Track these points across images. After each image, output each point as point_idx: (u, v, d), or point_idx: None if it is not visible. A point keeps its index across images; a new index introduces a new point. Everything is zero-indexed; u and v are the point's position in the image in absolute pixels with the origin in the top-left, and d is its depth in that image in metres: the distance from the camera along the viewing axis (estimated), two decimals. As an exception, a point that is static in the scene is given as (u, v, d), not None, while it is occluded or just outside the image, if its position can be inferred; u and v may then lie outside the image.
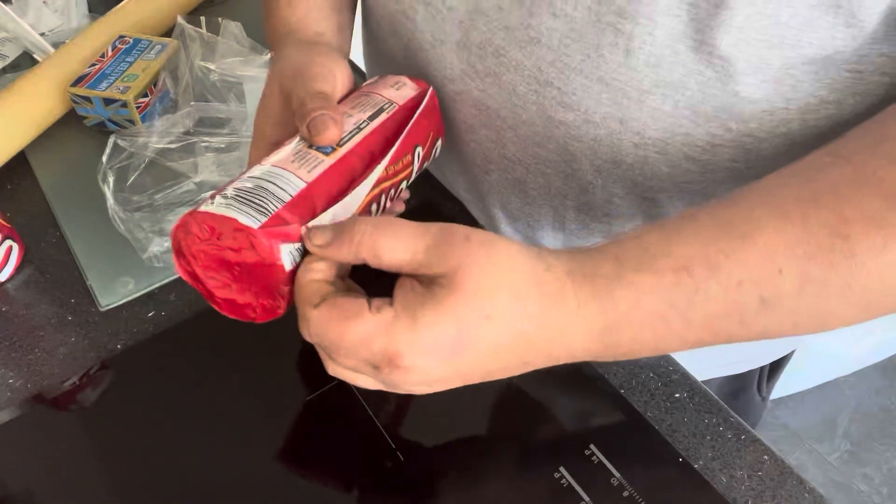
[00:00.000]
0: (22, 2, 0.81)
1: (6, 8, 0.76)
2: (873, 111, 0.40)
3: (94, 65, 0.68)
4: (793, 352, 0.71)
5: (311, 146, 0.40)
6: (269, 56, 0.69)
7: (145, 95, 0.67)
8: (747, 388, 0.71)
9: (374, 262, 0.35)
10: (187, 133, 0.64)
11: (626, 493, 0.43)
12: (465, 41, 0.47)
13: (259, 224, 0.35)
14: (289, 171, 0.38)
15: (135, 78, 0.67)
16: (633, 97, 0.42)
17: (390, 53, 0.54)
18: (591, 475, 0.43)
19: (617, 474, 0.43)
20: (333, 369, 0.37)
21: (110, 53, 0.70)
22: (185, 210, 0.57)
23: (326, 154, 0.40)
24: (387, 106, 0.45)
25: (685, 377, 0.49)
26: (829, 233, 0.33)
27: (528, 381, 0.49)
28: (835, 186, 0.34)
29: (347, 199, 0.38)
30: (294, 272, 0.36)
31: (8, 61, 0.78)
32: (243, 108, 0.66)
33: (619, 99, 0.43)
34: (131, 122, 0.67)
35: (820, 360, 1.48)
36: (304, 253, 0.36)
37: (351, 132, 0.42)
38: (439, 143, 0.49)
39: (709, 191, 0.47)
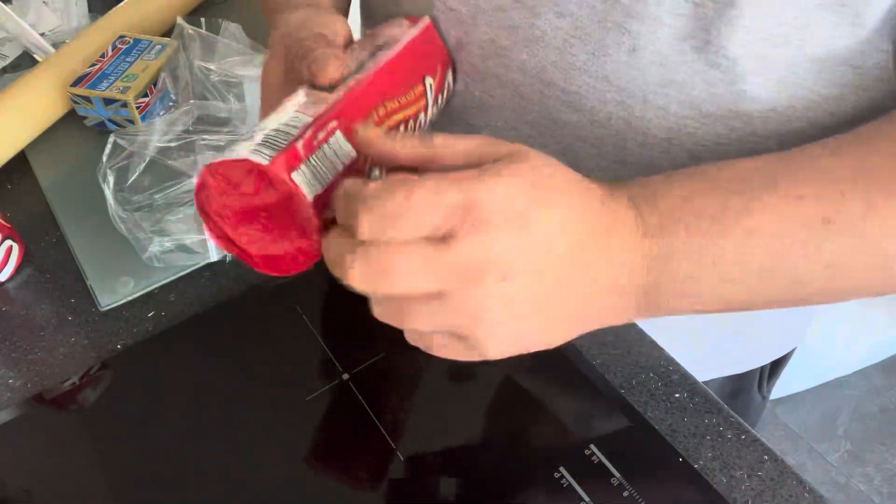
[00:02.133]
0: (22, 2, 0.81)
1: (6, 8, 0.76)
2: (874, 106, 0.40)
3: (94, 65, 0.68)
4: (793, 351, 0.71)
5: (315, 87, 0.39)
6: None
7: (145, 95, 0.67)
8: (747, 388, 0.71)
9: (442, 148, 0.33)
10: (187, 131, 0.64)
11: (626, 493, 0.43)
12: (467, 41, 0.47)
13: (269, 159, 0.34)
14: (297, 112, 0.37)
15: (135, 78, 0.67)
16: (638, 97, 0.42)
17: None
18: (591, 475, 0.43)
19: (617, 474, 0.43)
20: (386, 294, 0.31)
21: (110, 53, 0.70)
22: (186, 209, 0.58)
23: (331, 92, 0.39)
24: (385, 43, 0.44)
25: (685, 377, 0.49)
26: (891, 166, 0.33)
27: (529, 381, 0.49)
28: (890, 135, 0.34)
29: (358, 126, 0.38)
30: (318, 201, 0.34)
31: (8, 61, 0.78)
32: (243, 107, 0.66)
33: (624, 98, 0.43)
34: (131, 122, 0.67)
35: (820, 360, 1.48)
36: (325, 179, 0.35)
37: (353, 71, 0.41)
38: (450, 74, 0.48)
39: None
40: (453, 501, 0.44)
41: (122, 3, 0.77)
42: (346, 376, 0.49)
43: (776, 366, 0.72)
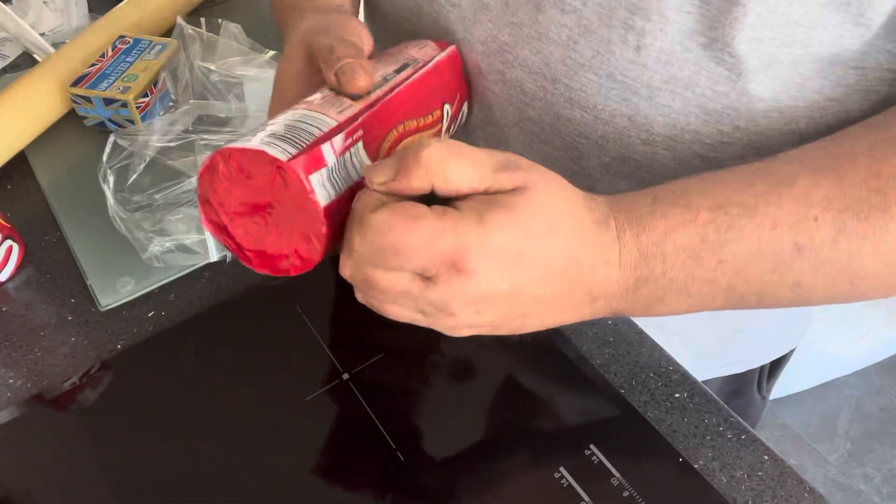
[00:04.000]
0: (22, 2, 0.81)
1: (6, 8, 0.76)
2: (877, 108, 0.40)
3: (94, 65, 0.68)
4: (793, 351, 0.71)
5: (338, 94, 0.39)
6: (269, 55, 0.69)
7: (145, 95, 0.67)
8: (747, 387, 0.71)
9: (442, 188, 0.34)
10: (187, 131, 0.64)
11: (626, 493, 0.43)
12: (469, 38, 0.47)
13: (289, 156, 0.33)
14: (318, 112, 0.37)
15: (135, 78, 0.67)
16: (643, 94, 0.42)
17: None
18: (591, 475, 0.43)
19: (617, 474, 0.43)
20: (368, 294, 0.35)
21: (110, 53, 0.70)
22: (186, 209, 0.58)
23: (354, 100, 0.39)
24: (411, 62, 0.44)
25: (685, 377, 0.49)
26: (865, 187, 0.34)
27: (529, 381, 0.49)
28: (870, 148, 0.35)
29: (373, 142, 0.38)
30: (329, 209, 0.34)
31: (8, 61, 0.78)
32: (243, 107, 0.66)
33: (629, 96, 0.42)
34: (131, 122, 0.67)
35: (820, 360, 1.48)
36: (338, 188, 0.35)
37: (377, 84, 0.41)
38: (465, 106, 0.49)
39: None
40: (453, 501, 0.44)
41: (122, 3, 0.77)
42: (346, 376, 0.49)
43: (776, 366, 0.72)
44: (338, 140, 0.35)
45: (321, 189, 0.34)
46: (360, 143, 0.37)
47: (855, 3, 0.36)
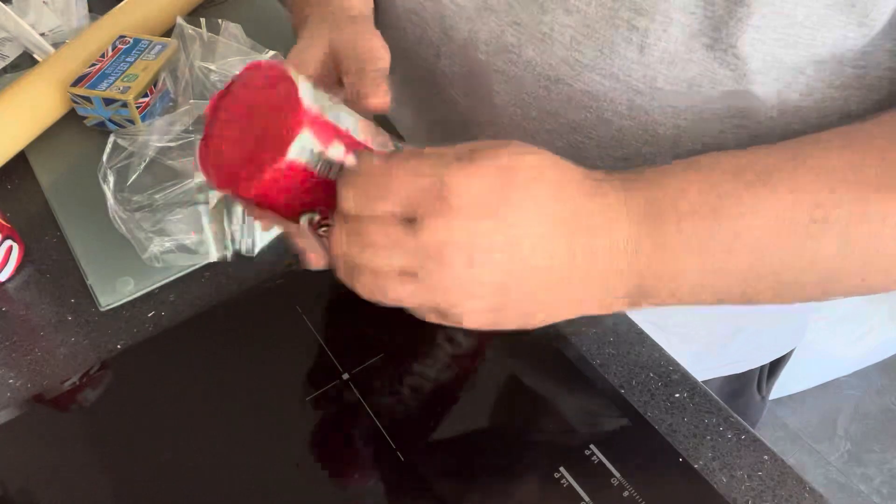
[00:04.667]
0: (22, 2, 0.81)
1: (6, 8, 0.76)
2: (879, 108, 0.40)
3: (94, 65, 0.68)
4: (793, 351, 0.71)
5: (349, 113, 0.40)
6: (269, 55, 0.69)
7: (145, 95, 0.67)
8: (747, 388, 0.71)
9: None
10: (187, 131, 0.64)
11: (626, 493, 0.43)
12: (473, 38, 0.47)
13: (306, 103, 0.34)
14: (348, 108, 0.37)
15: (135, 78, 0.67)
16: (646, 95, 0.42)
17: (400, 51, 0.54)
18: (591, 475, 0.43)
19: (617, 474, 0.43)
20: (363, 262, 0.33)
21: (110, 53, 0.70)
22: (186, 209, 0.58)
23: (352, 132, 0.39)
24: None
25: (685, 377, 0.49)
26: (879, 164, 0.34)
27: (529, 381, 0.49)
28: (877, 134, 0.35)
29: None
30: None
31: (8, 61, 0.78)
32: (243, 107, 0.66)
33: (632, 97, 0.42)
34: (131, 122, 0.67)
35: (820, 360, 1.48)
36: (319, 168, 0.35)
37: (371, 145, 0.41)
38: None
39: None
40: (453, 501, 0.44)
41: (122, 3, 0.77)
42: (346, 376, 0.49)
43: (776, 366, 0.72)
44: (346, 138, 0.36)
45: (299, 148, 0.33)
46: (352, 157, 0.36)
47: (860, 4, 0.36)
